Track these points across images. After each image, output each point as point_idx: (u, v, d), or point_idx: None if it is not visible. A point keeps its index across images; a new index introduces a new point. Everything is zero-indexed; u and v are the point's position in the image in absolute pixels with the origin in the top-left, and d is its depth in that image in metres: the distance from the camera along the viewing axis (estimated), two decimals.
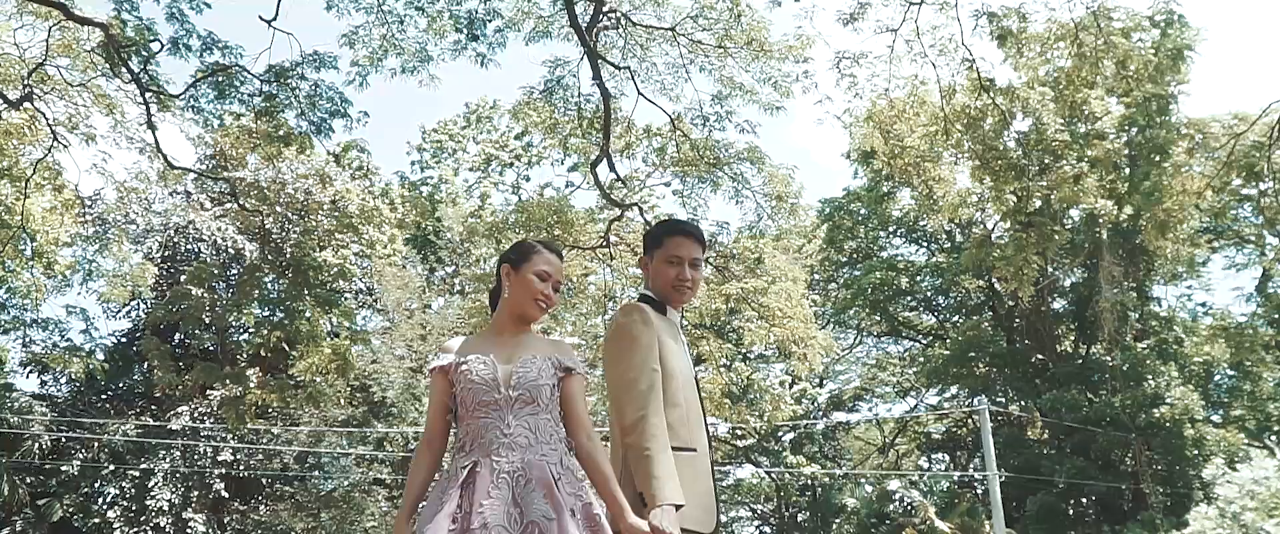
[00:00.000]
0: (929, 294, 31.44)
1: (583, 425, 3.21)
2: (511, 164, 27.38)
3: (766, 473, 32.89)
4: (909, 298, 31.53)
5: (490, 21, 12.91)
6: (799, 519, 33.69)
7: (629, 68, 14.15)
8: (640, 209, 15.25)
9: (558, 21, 13.70)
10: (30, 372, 24.50)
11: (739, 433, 29.88)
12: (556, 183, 26.03)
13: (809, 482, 31.48)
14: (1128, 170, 21.27)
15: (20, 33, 13.87)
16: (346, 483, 26.32)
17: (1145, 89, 14.62)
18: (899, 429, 34.09)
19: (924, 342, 33.11)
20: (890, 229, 30.83)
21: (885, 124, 16.02)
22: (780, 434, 32.09)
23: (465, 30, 12.74)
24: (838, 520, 29.02)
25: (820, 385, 34.19)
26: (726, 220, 26.23)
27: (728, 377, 17.63)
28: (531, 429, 3.11)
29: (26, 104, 11.86)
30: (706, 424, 3.50)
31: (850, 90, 13.90)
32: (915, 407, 33.90)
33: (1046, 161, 18.76)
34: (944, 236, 29.49)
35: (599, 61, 13.03)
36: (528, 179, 27.22)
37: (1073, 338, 28.45)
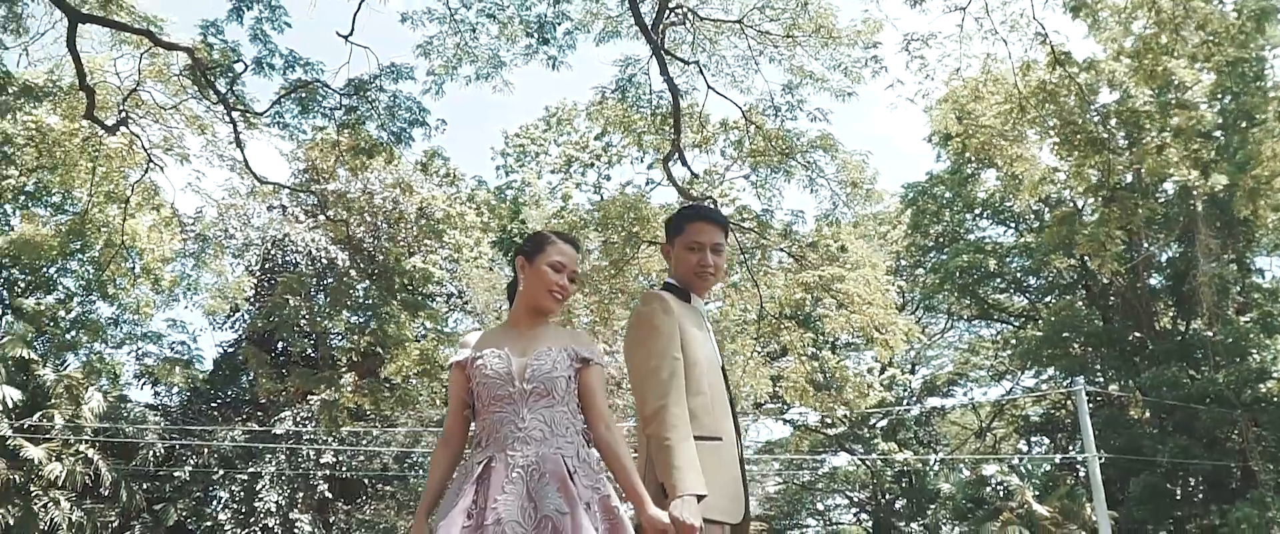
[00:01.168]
0: (1019, 275, 30.84)
1: (601, 416, 3.16)
2: (592, 164, 27.69)
3: (861, 461, 32.70)
4: (998, 280, 30.99)
5: (560, 25, 13.15)
6: (897, 506, 33.41)
7: (698, 62, 14.28)
8: (715, 202, 15.35)
9: (626, 21, 13.85)
10: (144, 383, 25.75)
11: (828, 422, 29.78)
12: (637, 180, 26.29)
13: (904, 468, 31.19)
14: (1221, 138, 20.62)
15: (116, 62, 14.65)
16: None
17: (1227, 53, 14.18)
18: (995, 413, 33.52)
19: (1016, 324, 32.52)
20: (976, 211, 30.32)
21: (960, 104, 15.87)
22: (873, 421, 31.88)
23: (536, 34, 13.00)
24: (933, 506, 28.69)
25: (912, 372, 33.85)
26: (801, 209, 26.04)
27: (811, 365, 17.58)
28: (547, 422, 3.07)
29: (123, 128, 12.48)
30: (734, 413, 3.41)
31: (921, 71, 13.82)
32: (1011, 390, 33.29)
33: (1135, 135, 18.31)
34: (1032, 216, 28.94)
35: (667, 57, 13.20)
36: (608, 178, 27.49)
37: (1171, 314, 27.63)
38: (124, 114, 12.35)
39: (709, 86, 14.41)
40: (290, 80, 12.05)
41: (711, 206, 4.16)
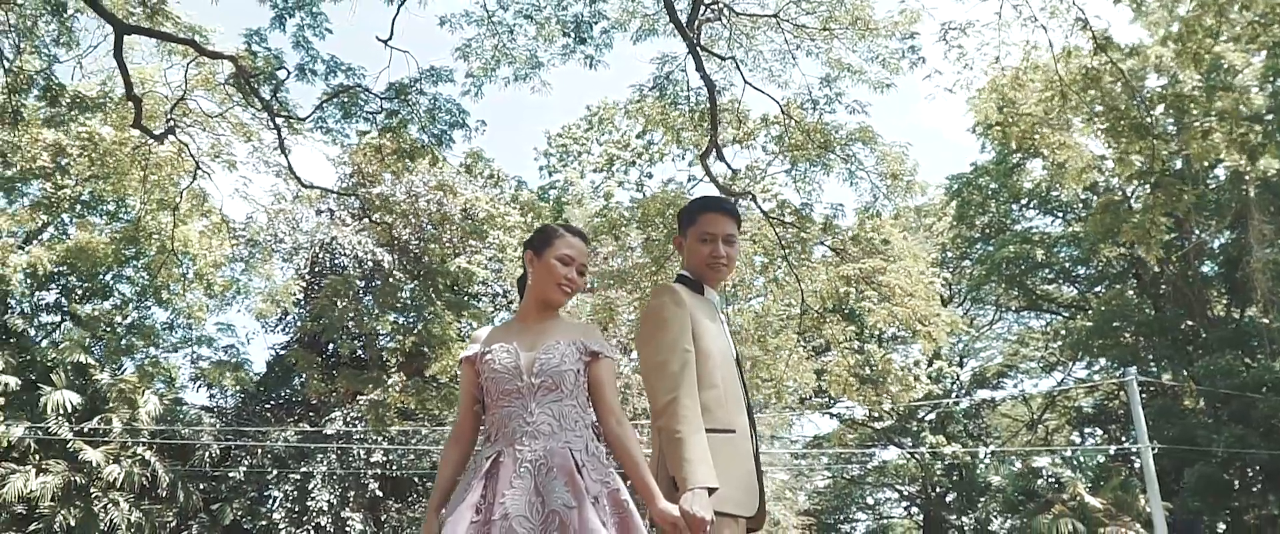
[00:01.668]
0: (1067, 265, 30.49)
1: (611, 410, 3.14)
2: (634, 162, 27.77)
3: (909, 454, 32.51)
4: (1046, 270, 30.66)
5: (596, 24, 13.22)
6: (947, 499, 33.16)
7: (734, 58, 14.29)
8: (754, 197, 15.32)
9: (663, 18, 13.87)
10: (198, 386, 26.29)
11: (875, 415, 29.62)
12: (679, 177, 26.33)
13: (953, 461, 30.97)
14: (1271, 121, 20.19)
15: (166, 72, 14.98)
16: None
17: (1275, 34, 13.89)
18: (1047, 404, 33.14)
19: (1066, 314, 32.14)
20: (1022, 201, 30.01)
21: (1002, 93, 15.71)
22: (922, 415, 31.66)
23: (573, 34, 13.07)
24: (983, 499, 28.43)
25: (960, 364, 33.57)
26: (841, 202, 25.97)
27: (854, 359, 17.51)
28: (555, 416, 3.05)
29: (171, 137, 12.76)
30: (749, 406, 3.38)
31: (959, 61, 13.75)
32: (1062, 381, 32.89)
33: (1184, 120, 17.98)
34: (1079, 205, 28.58)
35: (703, 54, 13.24)
36: (650, 176, 27.51)
37: (1224, 301, 27.19)
38: (171, 123, 12.62)
39: (746, 81, 14.41)
40: (332, 85, 12.22)
41: (724, 197, 4.04)
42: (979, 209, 29.75)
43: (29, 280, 22.87)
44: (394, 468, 23.79)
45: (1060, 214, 30.10)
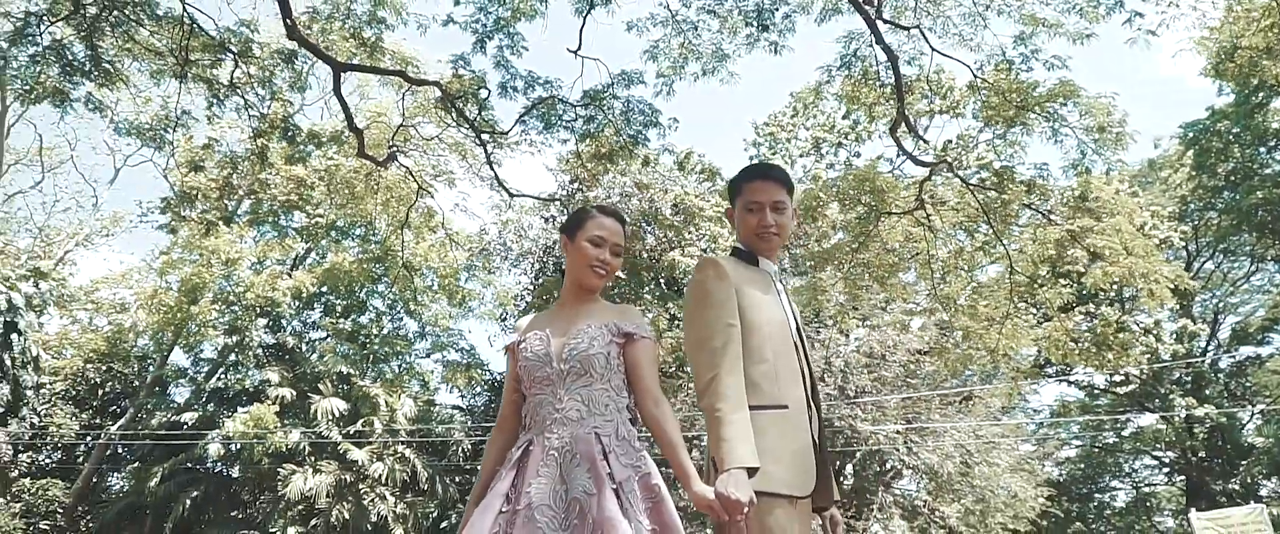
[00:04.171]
0: None
1: (648, 392, 3.06)
2: (840, 144, 27.68)
3: (1163, 418, 30.66)
4: None
5: (777, 10, 13.51)
6: (1214, 465, 31.00)
7: (919, 26, 14.17)
8: (950, 166, 15.09)
9: None
10: (450, 388, 28.33)
11: (1116, 380, 28.15)
12: (888, 153, 26.02)
13: (1212, 422, 28.92)
14: None
15: (395, 102, 16.39)
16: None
17: None
18: None
19: None
20: (1270, 143, 27.60)
21: (1225, 29, 14.82)
22: (1177, 376, 29.79)
23: (755, 23, 13.41)
24: (1246, 463, 26.44)
25: (1216, 321, 31.31)
26: (1045, 162, 24.57)
27: (1073, 323, 16.83)
28: (585, 401, 3.02)
29: (393, 162, 14.01)
30: (811, 379, 3.20)
31: None
32: None
33: None
34: None
35: (885, 26, 13.26)
36: (858, 155, 27.35)
37: None
38: (393, 149, 13.85)
39: (933, 49, 14.26)
40: (531, 99, 13.10)
41: (771, 163, 3.91)
42: (1220, 156, 27.62)
43: (295, 302, 25.39)
44: None
45: None
